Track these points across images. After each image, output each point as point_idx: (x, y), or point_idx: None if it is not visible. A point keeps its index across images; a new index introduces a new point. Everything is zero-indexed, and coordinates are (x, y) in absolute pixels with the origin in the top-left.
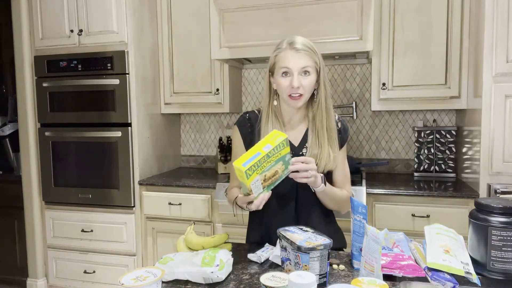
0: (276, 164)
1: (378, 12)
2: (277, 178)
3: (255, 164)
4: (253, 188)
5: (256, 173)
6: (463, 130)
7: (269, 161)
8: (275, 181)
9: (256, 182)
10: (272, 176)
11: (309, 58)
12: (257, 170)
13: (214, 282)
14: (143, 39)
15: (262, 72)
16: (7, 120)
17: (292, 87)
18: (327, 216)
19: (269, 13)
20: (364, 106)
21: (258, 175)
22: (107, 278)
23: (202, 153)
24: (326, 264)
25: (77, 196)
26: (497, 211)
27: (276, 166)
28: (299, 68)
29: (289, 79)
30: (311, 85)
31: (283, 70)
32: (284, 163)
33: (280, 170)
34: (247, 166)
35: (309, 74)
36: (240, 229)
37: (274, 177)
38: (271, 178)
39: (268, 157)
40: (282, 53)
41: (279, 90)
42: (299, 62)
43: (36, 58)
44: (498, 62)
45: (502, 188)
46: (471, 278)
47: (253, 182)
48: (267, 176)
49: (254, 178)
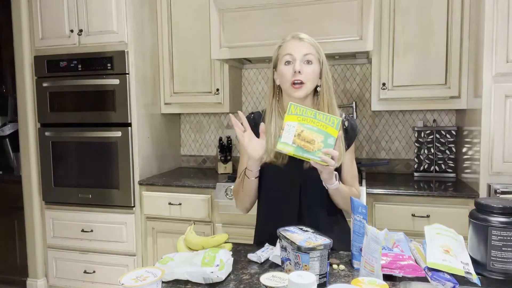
0: (318, 134)
1: (378, 12)
2: (309, 149)
3: (302, 109)
4: (285, 129)
5: (297, 118)
6: (463, 130)
7: (314, 122)
8: (305, 151)
9: (291, 126)
10: (307, 141)
11: (311, 47)
12: (300, 117)
13: (214, 282)
14: (143, 39)
15: (262, 72)
16: (7, 120)
17: (294, 72)
18: (333, 216)
19: (269, 13)
20: (364, 106)
21: (297, 122)
22: (107, 278)
23: (202, 153)
24: (326, 264)
25: (77, 196)
26: (497, 211)
27: (316, 135)
28: (302, 55)
29: (291, 66)
30: (314, 74)
31: (286, 58)
32: (324, 140)
33: (317, 144)
34: (295, 103)
35: (311, 63)
36: (240, 229)
37: (307, 145)
38: (305, 141)
39: (315, 116)
40: (285, 43)
41: (282, 81)
42: (302, 49)
43: (36, 58)
44: (498, 62)
45: (502, 188)
46: (471, 278)
47: (290, 123)
48: (303, 136)
49: (292, 121)
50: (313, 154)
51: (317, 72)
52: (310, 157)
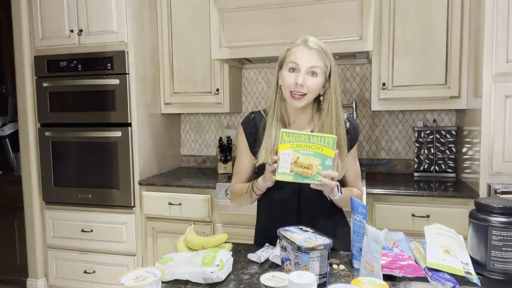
0: (314, 158)
1: (378, 12)
2: (307, 175)
3: (295, 135)
4: (281, 158)
5: (291, 145)
6: (463, 130)
7: (308, 146)
8: (304, 178)
9: (286, 155)
10: (304, 166)
11: (319, 59)
12: (294, 144)
13: (214, 282)
14: (143, 39)
15: (262, 72)
16: (7, 120)
17: (296, 84)
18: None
19: (269, 13)
20: (364, 106)
21: (292, 150)
22: (107, 278)
23: (202, 153)
24: (326, 264)
25: (77, 196)
26: (497, 211)
27: (312, 159)
28: (308, 66)
29: (295, 75)
30: (316, 87)
31: (291, 66)
32: (321, 163)
33: (314, 168)
34: (287, 130)
35: (316, 76)
36: (240, 229)
37: (306, 170)
38: (303, 168)
39: (309, 140)
40: (294, 48)
41: (283, 85)
42: (309, 60)
43: (36, 58)
44: (498, 62)
45: (502, 188)
46: (471, 278)
47: (284, 152)
48: (300, 162)
49: (286, 148)
50: (312, 178)
51: (321, 84)
52: (310, 182)
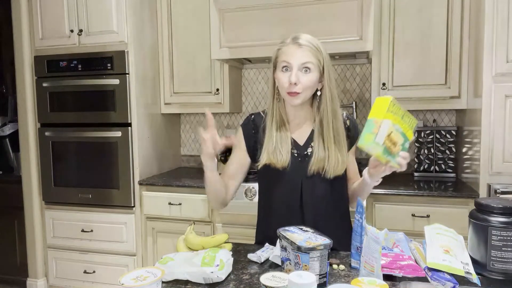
0: (401, 137)
1: (378, 12)
2: (392, 152)
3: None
4: (381, 128)
5: (392, 117)
6: (463, 130)
7: (401, 123)
8: (389, 154)
9: (384, 127)
10: (392, 142)
11: (311, 55)
12: (394, 116)
13: (214, 282)
14: (143, 39)
15: (262, 72)
16: (7, 120)
17: (290, 83)
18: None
19: (269, 13)
20: (364, 106)
21: (391, 122)
22: (107, 278)
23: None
24: (326, 264)
25: (77, 196)
26: (497, 211)
27: (399, 138)
28: (299, 63)
29: (288, 74)
30: (311, 83)
31: (283, 65)
32: (403, 143)
33: (397, 147)
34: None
35: (309, 71)
36: (240, 229)
37: (392, 147)
38: (391, 143)
39: (403, 118)
40: (284, 47)
41: (279, 86)
42: (299, 57)
43: (36, 58)
44: (498, 62)
45: (502, 188)
46: (471, 278)
47: (386, 122)
48: (391, 137)
49: (388, 118)
50: (393, 157)
51: (316, 79)
52: (391, 160)
